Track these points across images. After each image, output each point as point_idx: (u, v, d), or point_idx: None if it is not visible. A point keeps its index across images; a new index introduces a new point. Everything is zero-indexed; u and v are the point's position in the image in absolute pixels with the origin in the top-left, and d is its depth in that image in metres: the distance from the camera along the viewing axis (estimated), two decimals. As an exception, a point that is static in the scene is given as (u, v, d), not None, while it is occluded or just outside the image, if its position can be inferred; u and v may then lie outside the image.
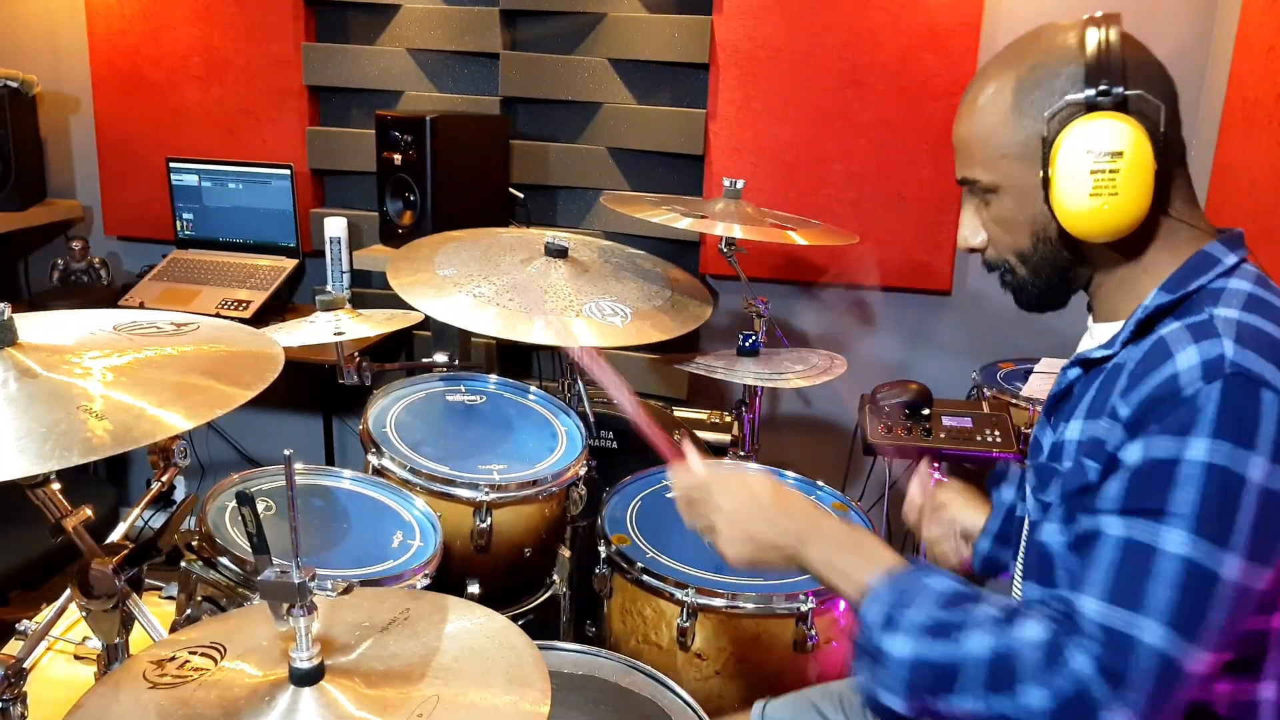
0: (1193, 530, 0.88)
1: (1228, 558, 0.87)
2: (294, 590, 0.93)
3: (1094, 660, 0.89)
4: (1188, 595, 0.87)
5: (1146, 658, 0.87)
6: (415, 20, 2.77)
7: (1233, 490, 0.87)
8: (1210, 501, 0.88)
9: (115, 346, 1.12)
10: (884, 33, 2.51)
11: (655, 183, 2.75)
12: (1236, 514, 0.87)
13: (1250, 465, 0.87)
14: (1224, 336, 0.92)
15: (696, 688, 1.54)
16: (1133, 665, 0.88)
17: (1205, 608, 0.87)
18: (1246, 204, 2.09)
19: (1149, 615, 0.88)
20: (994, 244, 1.11)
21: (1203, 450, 0.88)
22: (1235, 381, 0.89)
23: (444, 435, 1.86)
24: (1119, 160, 0.97)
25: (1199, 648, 0.87)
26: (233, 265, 2.87)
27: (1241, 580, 0.88)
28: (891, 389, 2.24)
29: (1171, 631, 0.87)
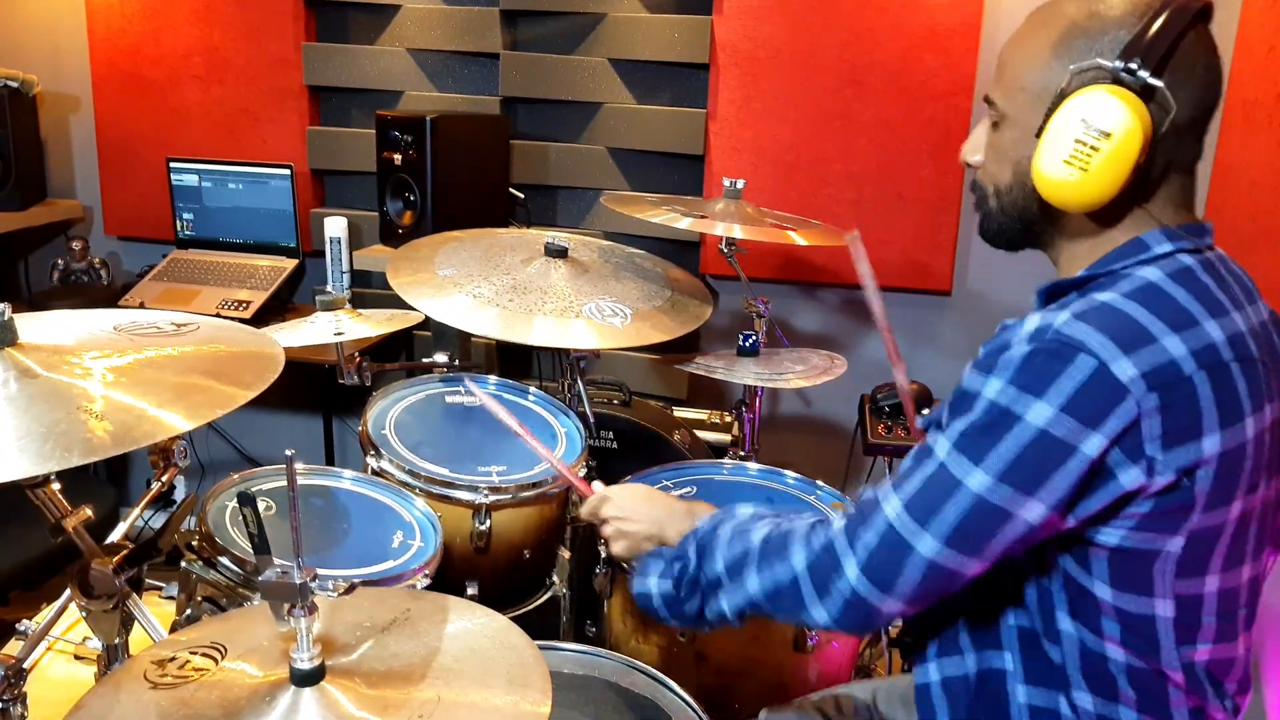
0: (954, 444, 0.98)
1: (975, 471, 0.96)
2: (295, 590, 0.93)
3: (844, 518, 1.06)
4: (930, 490, 0.99)
5: (880, 523, 1.01)
6: (415, 20, 2.77)
7: (1002, 422, 0.95)
8: (978, 426, 0.97)
9: (115, 347, 1.12)
10: (884, 33, 2.51)
11: (655, 183, 2.75)
12: (998, 441, 0.95)
13: (1030, 408, 0.94)
14: (1067, 311, 0.97)
15: (696, 688, 1.53)
16: (868, 526, 1.02)
17: (941, 503, 0.98)
18: (1246, 204, 2.09)
19: (897, 495, 1.01)
20: (985, 168, 1.14)
21: (993, 389, 0.97)
22: (1050, 344, 0.95)
23: (443, 437, 1.86)
24: (1105, 141, 0.97)
25: (928, 533, 0.98)
26: (233, 265, 2.87)
27: (984, 493, 0.96)
28: (892, 389, 2.24)
29: (905, 513, 1.00)
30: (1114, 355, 0.93)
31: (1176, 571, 0.99)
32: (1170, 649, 1.01)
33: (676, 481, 1.92)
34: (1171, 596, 1.00)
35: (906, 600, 1.01)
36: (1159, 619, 1.01)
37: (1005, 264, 2.57)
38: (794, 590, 1.07)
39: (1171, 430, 0.93)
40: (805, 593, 1.06)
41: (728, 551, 1.16)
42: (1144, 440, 0.93)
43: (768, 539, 1.12)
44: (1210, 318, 0.98)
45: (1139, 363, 0.93)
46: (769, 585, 1.10)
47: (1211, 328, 0.97)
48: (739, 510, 1.23)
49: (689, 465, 2.00)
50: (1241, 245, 2.06)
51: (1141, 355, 0.93)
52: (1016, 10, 2.46)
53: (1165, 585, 0.99)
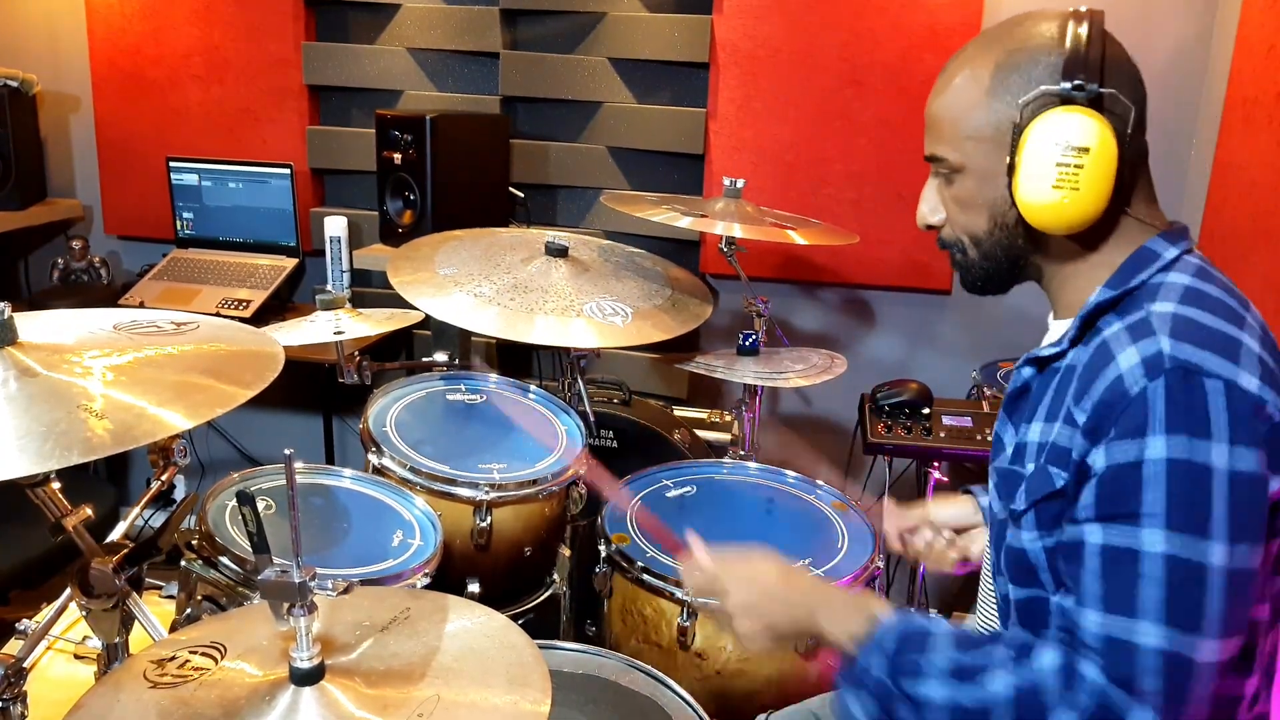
0: (1168, 527, 0.89)
1: (1210, 546, 0.88)
2: (294, 590, 0.93)
3: (1102, 671, 0.91)
4: (1178, 590, 0.89)
5: (1150, 659, 0.89)
6: (415, 20, 2.77)
7: (1199, 479, 0.89)
8: (1178, 495, 0.89)
9: (115, 346, 1.12)
10: (884, 33, 2.51)
11: (655, 182, 2.75)
12: (1209, 502, 0.88)
13: (1211, 453, 0.89)
14: (1159, 333, 0.94)
15: (696, 687, 1.53)
16: (1139, 669, 0.89)
17: (1200, 598, 0.88)
18: (1246, 204, 2.09)
19: (1144, 618, 0.89)
20: (951, 223, 1.12)
21: (1161, 448, 0.89)
22: (1176, 374, 0.90)
23: (444, 434, 1.86)
24: (1085, 156, 0.97)
25: (1204, 638, 0.88)
26: (233, 264, 2.87)
27: (1230, 564, 0.88)
28: (891, 389, 2.24)
29: (1168, 629, 0.88)
30: (1232, 371, 0.91)
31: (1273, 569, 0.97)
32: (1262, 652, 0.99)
33: (676, 481, 1.92)
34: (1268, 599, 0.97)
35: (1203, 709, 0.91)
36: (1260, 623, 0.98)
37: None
38: None
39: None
40: None
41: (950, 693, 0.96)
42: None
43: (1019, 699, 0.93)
44: (1244, 309, 0.99)
45: (1249, 369, 0.91)
46: None
47: (1249, 318, 0.98)
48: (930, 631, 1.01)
49: (689, 465, 2.00)
50: (1241, 245, 2.06)
51: (1244, 362, 0.92)
52: (1016, 10, 2.46)
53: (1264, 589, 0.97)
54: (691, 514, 1.84)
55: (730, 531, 1.80)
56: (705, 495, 1.90)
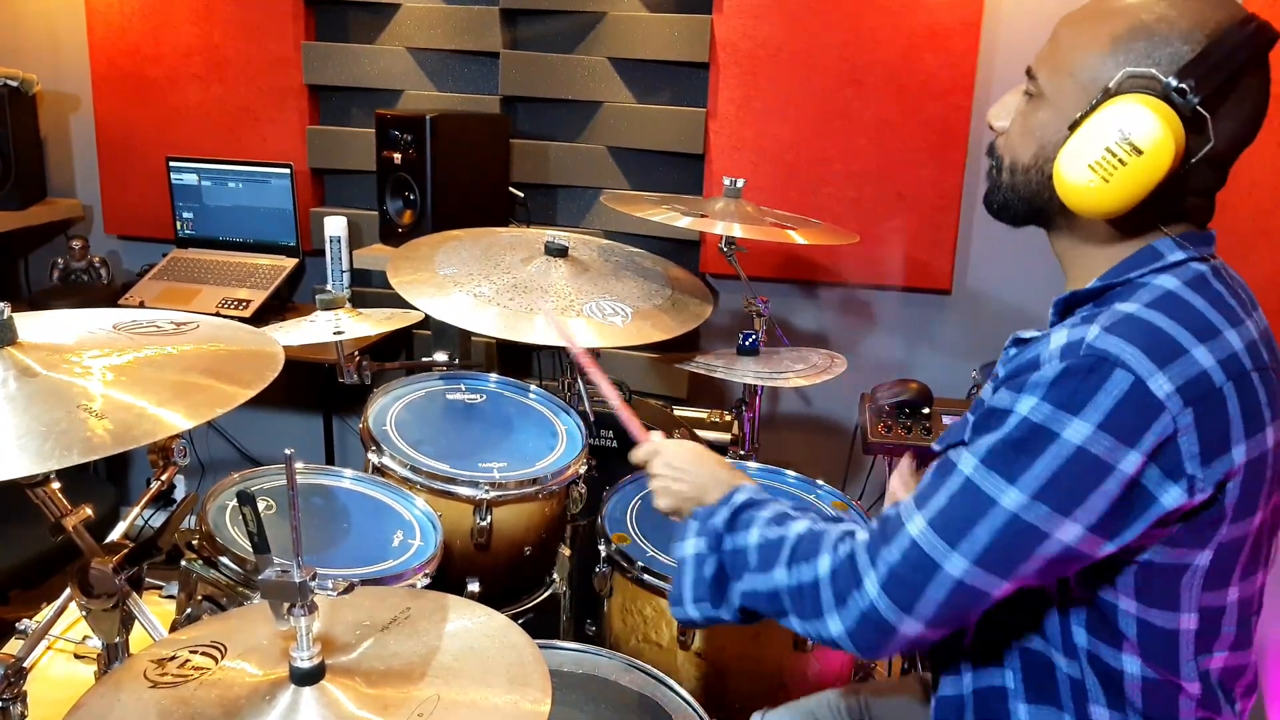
0: (982, 460, 0.95)
1: (1008, 489, 0.93)
2: (295, 589, 0.93)
3: (869, 535, 1.03)
4: (958, 507, 0.96)
5: (903, 539, 0.98)
6: (415, 19, 2.77)
7: (1038, 438, 0.92)
8: (1010, 443, 0.94)
9: (115, 346, 1.12)
10: (884, 32, 2.51)
11: (655, 182, 2.75)
12: (1034, 459, 0.92)
13: (1067, 425, 0.91)
14: (1097, 324, 0.94)
15: (697, 687, 1.54)
16: (890, 544, 0.99)
17: (971, 522, 0.95)
18: (1246, 204, 2.09)
19: (922, 513, 0.98)
20: (1008, 138, 1.10)
21: (1026, 406, 0.94)
22: (1085, 360, 0.92)
23: (444, 434, 1.86)
24: (1134, 157, 0.94)
25: (957, 554, 0.95)
26: (233, 264, 2.87)
27: (1018, 511, 0.93)
28: (891, 388, 2.24)
29: (930, 529, 0.97)
30: (1150, 371, 0.90)
31: (1203, 584, 0.97)
32: (1189, 660, 1.00)
33: (676, 480, 1.92)
34: (1196, 609, 0.98)
35: (927, 622, 0.97)
36: (1181, 632, 0.99)
37: (1005, 263, 2.59)
38: (814, 594, 1.03)
39: (1207, 444, 0.92)
40: (824, 599, 1.02)
41: (764, 532, 1.10)
42: (1183, 458, 0.91)
43: (802, 536, 1.07)
44: (1230, 326, 0.96)
45: (1174, 377, 0.90)
46: (794, 582, 1.05)
47: (1232, 336, 0.95)
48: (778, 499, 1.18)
49: (689, 464, 1.99)
50: (1241, 245, 2.06)
51: (1175, 369, 0.91)
52: (1016, 9, 2.47)
53: (1191, 599, 0.98)
54: (691, 514, 1.84)
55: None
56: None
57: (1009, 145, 1.09)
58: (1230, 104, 0.96)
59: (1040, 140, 1.04)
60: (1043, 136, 1.04)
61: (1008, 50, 2.47)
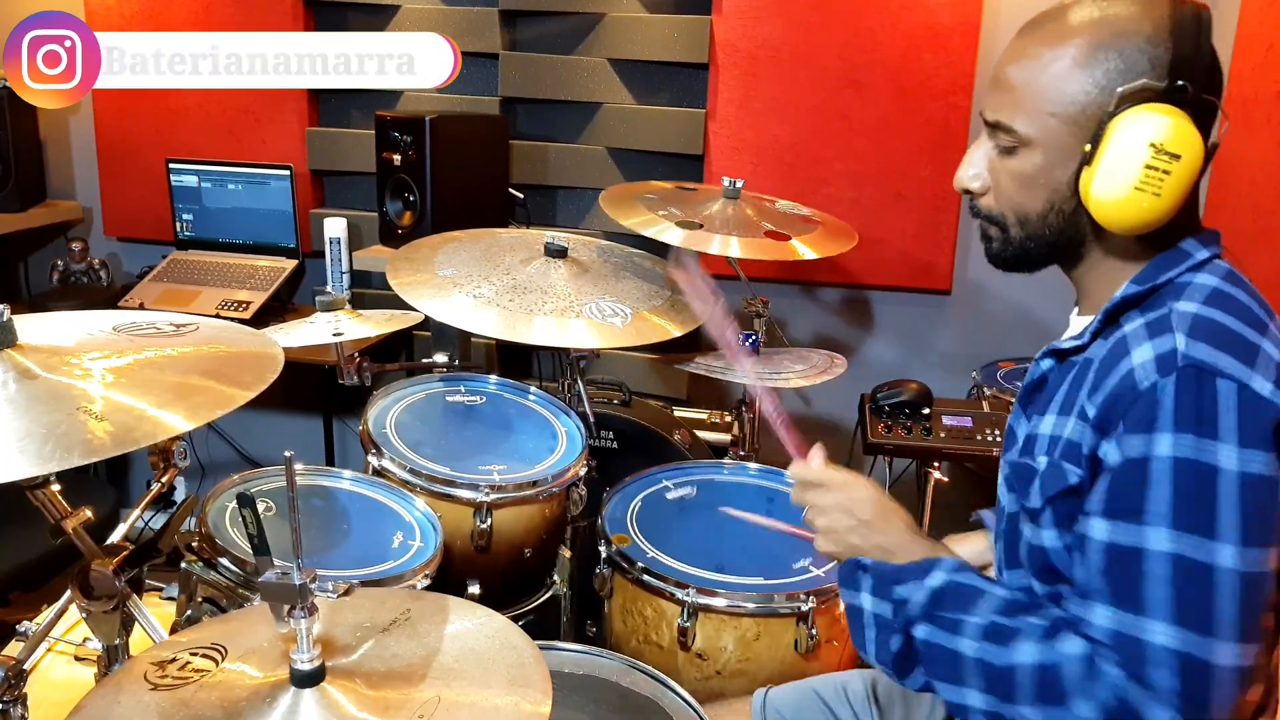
0: (1173, 526, 0.88)
1: (1218, 547, 0.87)
2: (295, 591, 0.93)
3: (1120, 667, 0.90)
4: (1185, 591, 0.88)
5: (1163, 656, 0.88)
6: (414, 20, 2.77)
7: (1206, 479, 0.88)
8: (1185, 495, 0.88)
9: (115, 347, 1.12)
10: (884, 32, 2.51)
11: (655, 183, 2.75)
12: (1215, 502, 0.88)
13: (1219, 453, 0.88)
14: (1177, 331, 0.93)
15: (697, 688, 1.53)
16: (1153, 666, 0.89)
17: (1210, 600, 0.87)
18: (1246, 204, 2.09)
19: (1153, 617, 0.89)
20: (999, 195, 1.06)
21: (1168, 445, 0.89)
22: (1188, 373, 0.90)
23: (444, 436, 1.86)
24: (1175, 163, 0.94)
25: (1219, 640, 0.87)
26: (232, 266, 2.87)
27: (1241, 567, 0.87)
28: (891, 389, 2.23)
29: (1179, 629, 0.88)
30: (1247, 374, 0.90)
31: None
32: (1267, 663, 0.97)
33: (676, 482, 1.92)
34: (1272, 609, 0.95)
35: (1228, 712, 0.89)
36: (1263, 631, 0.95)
37: (1005, 263, 2.58)
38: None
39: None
40: None
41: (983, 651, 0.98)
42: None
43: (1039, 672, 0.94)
44: (1269, 317, 0.98)
45: (1265, 373, 0.90)
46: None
47: (1274, 327, 0.97)
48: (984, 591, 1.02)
49: (689, 465, 2.00)
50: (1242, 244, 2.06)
51: (1261, 366, 0.91)
52: (1016, 10, 2.47)
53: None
54: (691, 514, 1.84)
55: (730, 532, 1.79)
56: (705, 496, 1.89)
57: (1002, 202, 1.06)
58: (1215, 85, 0.98)
59: (1049, 185, 1.02)
60: (1051, 180, 1.02)
61: (1007, 50, 2.47)
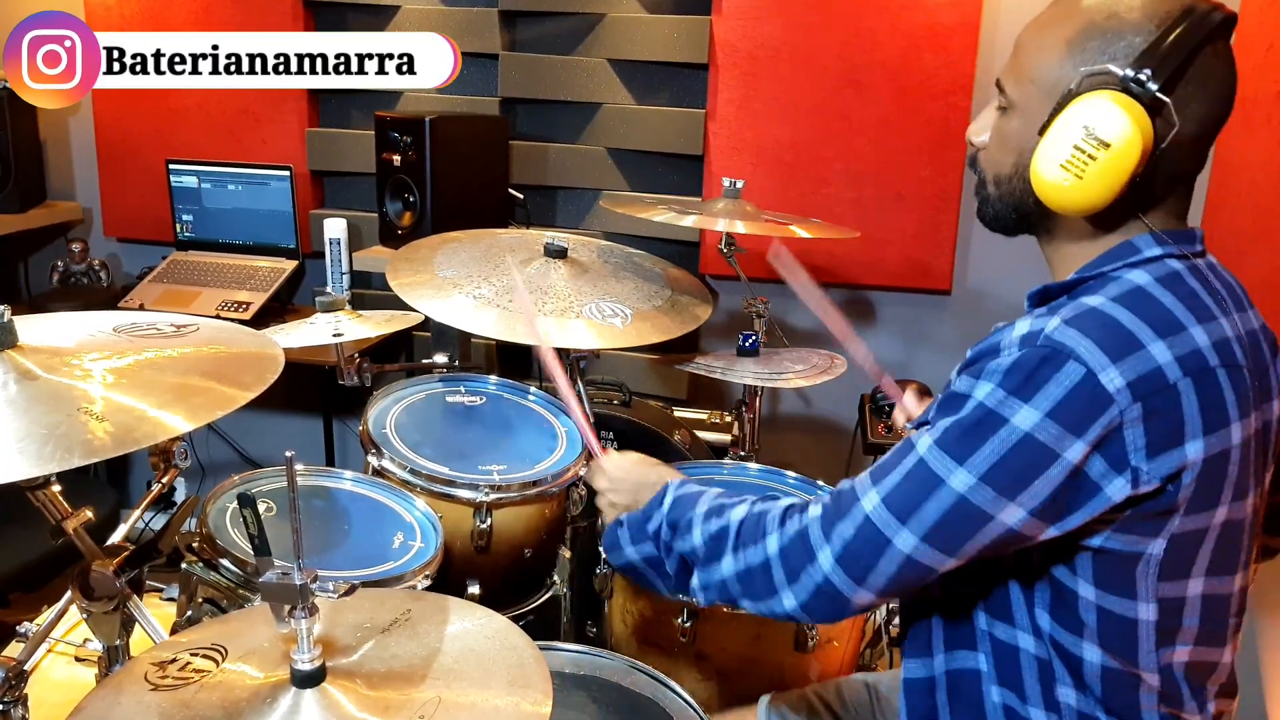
0: (936, 442, 0.98)
1: (958, 471, 0.96)
2: (295, 592, 0.93)
3: (821, 508, 1.04)
4: (909, 485, 0.98)
5: (857, 514, 1.00)
6: (414, 20, 2.77)
7: (988, 423, 0.95)
8: (963, 426, 0.96)
9: (115, 348, 1.12)
10: (884, 32, 2.51)
11: (655, 183, 2.75)
12: (982, 442, 0.95)
13: (1017, 412, 0.93)
14: (1058, 316, 0.96)
15: (698, 688, 1.54)
16: (842, 517, 1.01)
17: (920, 500, 0.97)
18: (1246, 204, 2.09)
19: (877, 490, 1.00)
20: (988, 154, 1.12)
21: (983, 392, 0.96)
22: (1040, 350, 0.94)
23: (444, 436, 1.86)
24: (1103, 151, 0.96)
25: (906, 530, 0.98)
26: (232, 267, 2.87)
27: (965, 492, 0.95)
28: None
29: (883, 505, 0.99)
30: (1102, 364, 0.92)
31: (1159, 574, 0.99)
32: (1149, 651, 1.01)
33: (677, 481, 1.92)
34: (1154, 599, 1.00)
35: (877, 592, 1.01)
36: (1140, 622, 1.00)
37: (1005, 263, 2.59)
38: (765, 574, 1.06)
39: (1156, 438, 0.93)
40: (776, 578, 1.05)
41: (704, 527, 1.13)
42: (1128, 450, 0.93)
43: (744, 520, 1.10)
44: (1197, 323, 0.97)
45: (1126, 371, 0.92)
46: (741, 567, 1.08)
47: (1198, 333, 0.96)
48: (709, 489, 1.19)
49: (689, 465, 2.00)
50: (1241, 244, 2.06)
51: (1128, 363, 0.92)
52: (1015, 9, 2.47)
53: (1148, 588, 0.99)
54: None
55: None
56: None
57: (990, 159, 1.11)
58: (1192, 85, 0.97)
59: (1016, 149, 1.06)
60: (1018, 145, 1.06)
61: (1006, 50, 2.44)
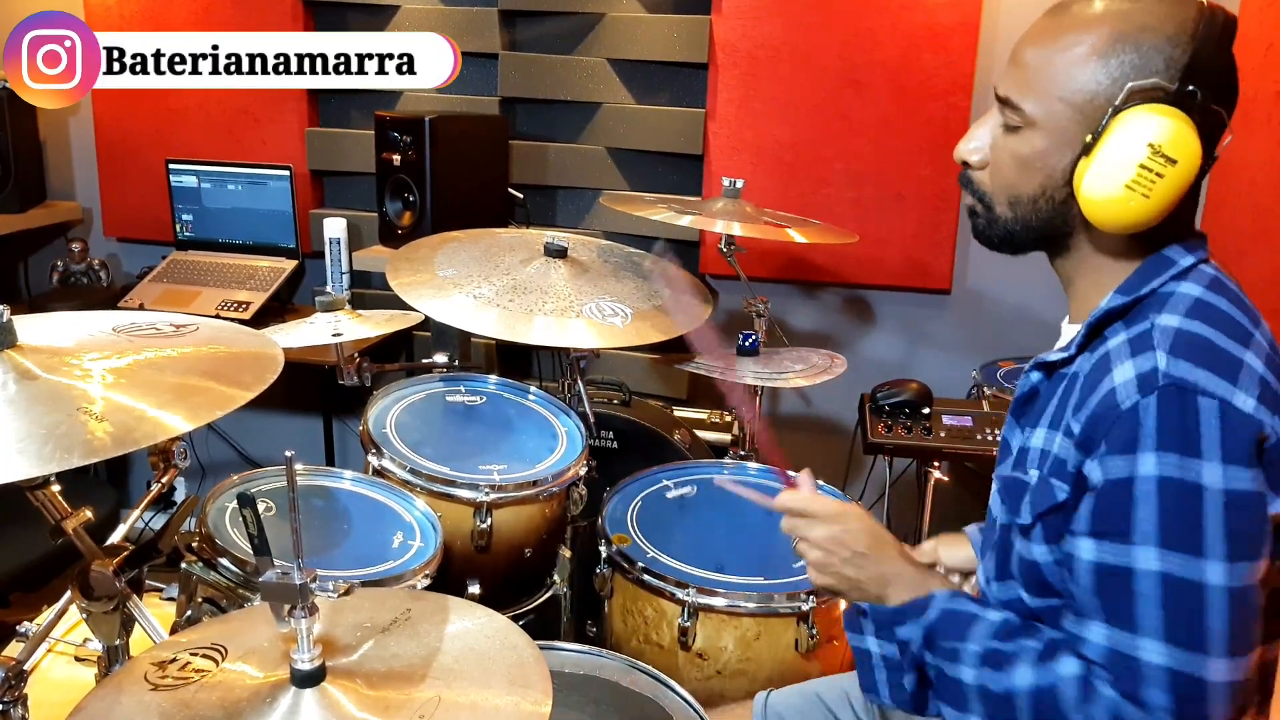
0: (1160, 545, 0.89)
1: (1206, 564, 0.88)
2: (295, 591, 0.93)
3: (1113, 687, 0.91)
4: (1176, 609, 0.89)
5: (1157, 675, 0.89)
6: (414, 20, 2.77)
7: (1190, 497, 0.88)
8: (1170, 513, 0.89)
9: (115, 348, 1.12)
10: (883, 32, 2.51)
11: (654, 182, 2.75)
12: (1201, 520, 0.88)
13: (1203, 471, 0.88)
14: (1158, 349, 0.92)
15: (698, 687, 1.53)
16: (1147, 685, 0.89)
17: (1201, 617, 0.88)
18: (1246, 204, 2.09)
19: (1145, 635, 0.90)
20: (994, 173, 1.06)
21: (1152, 465, 0.89)
22: (1169, 392, 0.90)
23: (444, 436, 1.86)
24: (1170, 168, 0.93)
25: (1211, 657, 0.88)
26: (232, 266, 2.87)
27: (1230, 582, 0.88)
28: (891, 389, 2.24)
29: (1171, 647, 0.89)
30: (1229, 390, 0.89)
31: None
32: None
33: (676, 481, 1.92)
34: None
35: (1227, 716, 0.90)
36: None
37: (1004, 263, 2.56)
38: None
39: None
40: None
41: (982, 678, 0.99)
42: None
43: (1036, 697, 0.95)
44: (1254, 326, 0.97)
45: (1247, 389, 0.90)
46: None
47: (1258, 335, 0.96)
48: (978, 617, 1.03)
49: (689, 465, 2.00)
50: (1241, 244, 2.06)
51: (1244, 382, 0.90)
52: (1015, 9, 2.47)
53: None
54: (691, 514, 1.84)
55: (730, 531, 1.80)
56: (705, 495, 1.89)
57: (999, 180, 1.05)
58: (1226, 93, 0.98)
59: (1045, 170, 1.01)
60: (1047, 166, 1.01)
61: (1006, 50, 2.44)
